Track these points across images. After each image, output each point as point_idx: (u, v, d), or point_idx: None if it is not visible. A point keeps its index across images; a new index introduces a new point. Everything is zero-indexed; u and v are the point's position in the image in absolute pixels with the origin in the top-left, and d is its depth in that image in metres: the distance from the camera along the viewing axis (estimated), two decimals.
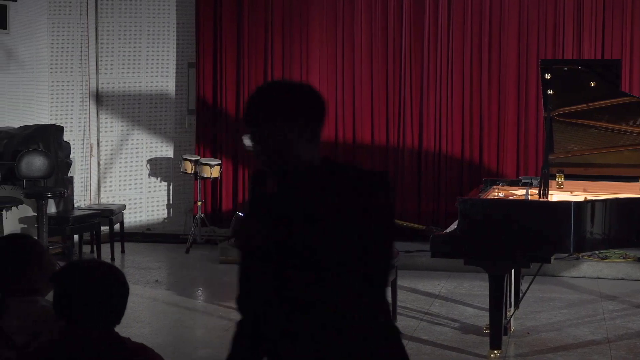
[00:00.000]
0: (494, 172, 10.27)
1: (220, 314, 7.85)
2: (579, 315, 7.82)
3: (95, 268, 3.08)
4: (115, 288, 3.06)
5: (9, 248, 3.74)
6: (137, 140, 11.44)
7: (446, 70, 10.46)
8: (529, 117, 10.31)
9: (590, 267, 9.29)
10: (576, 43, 10.15)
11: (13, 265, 3.66)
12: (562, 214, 6.21)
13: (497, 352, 6.39)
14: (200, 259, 10.21)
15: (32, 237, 3.99)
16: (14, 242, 3.82)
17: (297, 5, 10.80)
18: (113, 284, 3.06)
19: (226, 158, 11.00)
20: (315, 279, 2.86)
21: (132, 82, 11.40)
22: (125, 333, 3.18)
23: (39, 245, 3.89)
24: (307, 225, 2.84)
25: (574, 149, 7.18)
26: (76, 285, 3.01)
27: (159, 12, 11.29)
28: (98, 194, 11.53)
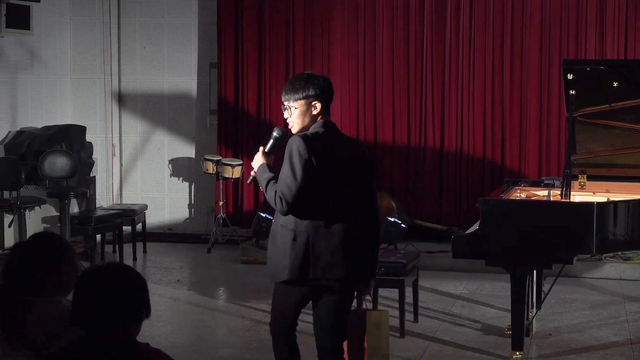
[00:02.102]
0: (515, 173, 10.24)
1: (241, 313, 7.86)
2: (602, 316, 7.78)
3: (115, 275, 3.05)
4: (133, 296, 3.04)
5: (41, 247, 3.74)
6: (159, 140, 11.47)
7: (468, 69, 10.44)
8: (551, 117, 10.27)
9: (613, 268, 9.24)
10: (599, 43, 10.10)
11: (44, 264, 3.66)
12: (585, 215, 6.18)
13: (519, 353, 6.36)
14: (221, 259, 10.23)
15: (60, 236, 4.00)
16: (46, 240, 3.81)
17: (319, 6, 10.81)
18: (131, 291, 3.03)
19: (248, 158, 11.00)
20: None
21: (154, 83, 11.44)
22: (147, 333, 3.19)
23: (68, 244, 3.90)
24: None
25: (597, 150, 7.14)
26: (94, 291, 3.00)
27: (180, 12, 11.32)
28: (120, 194, 11.58)
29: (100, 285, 3.00)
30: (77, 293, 3.03)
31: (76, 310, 3.02)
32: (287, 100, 4.62)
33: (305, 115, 4.63)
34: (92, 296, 2.99)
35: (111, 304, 2.97)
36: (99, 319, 2.97)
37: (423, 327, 7.39)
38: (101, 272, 3.06)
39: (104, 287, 2.99)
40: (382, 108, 10.72)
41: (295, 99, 4.60)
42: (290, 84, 4.62)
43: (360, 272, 4.71)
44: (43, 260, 3.68)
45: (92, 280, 3.03)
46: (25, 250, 3.74)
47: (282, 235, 4.61)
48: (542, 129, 10.33)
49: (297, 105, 4.60)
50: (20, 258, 3.70)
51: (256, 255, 9.97)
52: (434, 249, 9.70)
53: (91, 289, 3.01)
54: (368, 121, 10.76)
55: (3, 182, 9.26)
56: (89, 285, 3.02)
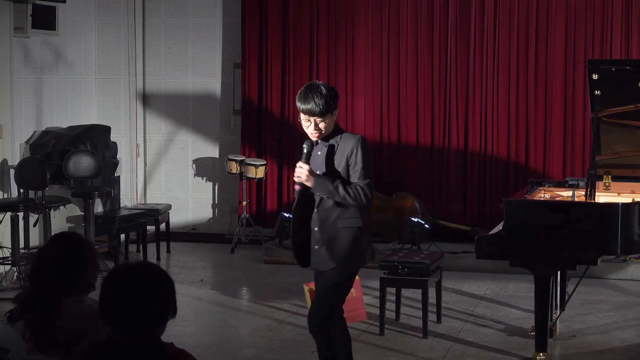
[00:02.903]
0: (540, 173, 10.19)
1: (264, 313, 7.87)
2: (626, 318, 7.74)
3: (144, 274, 3.05)
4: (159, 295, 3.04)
5: (64, 248, 3.76)
6: (183, 140, 11.51)
7: (492, 70, 10.41)
8: (575, 117, 10.23)
9: (638, 269, 9.19)
10: (624, 43, 10.04)
11: (68, 265, 3.69)
12: (609, 216, 6.15)
13: (543, 354, 6.34)
14: (244, 259, 10.24)
15: (81, 235, 4.03)
16: (67, 241, 3.83)
17: (343, 6, 10.80)
18: (157, 291, 3.04)
19: (271, 158, 11.04)
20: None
21: (178, 83, 11.47)
22: (171, 332, 3.20)
23: (90, 243, 3.93)
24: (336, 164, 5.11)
25: (622, 150, 7.10)
26: (122, 291, 3.01)
27: (205, 13, 11.35)
28: (144, 194, 11.62)
29: (130, 284, 3.01)
30: (106, 291, 3.04)
31: (104, 308, 3.02)
32: (319, 117, 5.02)
33: (332, 123, 5.11)
34: (121, 294, 3.00)
35: (140, 303, 2.98)
36: (126, 318, 2.98)
37: (446, 327, 7.37)
38: (131, 271, 3.06)
39: (133, 286, 3.00)
40: (405, 108, 10.70)
41: (329, 115, 5.04)
42: (323, 102, 5.01)
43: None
44: (67, 261, 3.70)
45: (122, 279, 3.04)
46: (49, 252, 3.76)
47: (348, 227, 5.09)
48: (567, 129, 10.29)
49: (328, 119, 5.05)
50: (44, 260, 3.73)
51: (279, 255, 9.98)
52: (457, 250, 9.68)
53: (121, 287, 3.01)
54: (392, 121, 10.75)
55: (29, 181, 9.31)
56: (118, 284, 3.03)
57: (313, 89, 5.04)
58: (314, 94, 5.00)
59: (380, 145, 10.73)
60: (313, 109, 4.98)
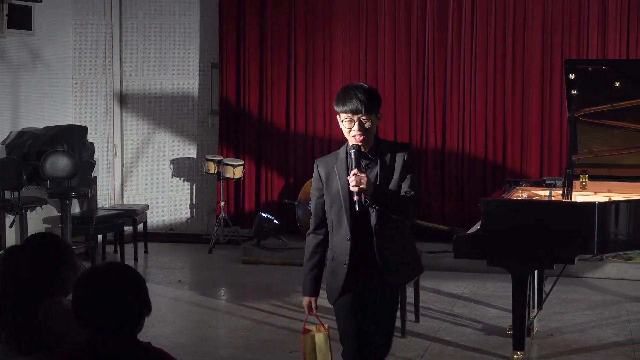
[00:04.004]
0: (517, 173, 10.23)
1: (242, 314, 7.86)
2: (603, 316, 7.78)
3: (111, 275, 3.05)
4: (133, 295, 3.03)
5: (42, 248, 3.74)
6: (161, 140, 11.48)
7: (469, 70, 10.44)
8: (552, 117, 10.27)
9: (615, 268, 9.24)
10: (601, 43, 10.10)
11: (46, 264, 3.67)
12: (586, 215, 6.17)
13: (520, 353, 6.35)
14: (222, 259, 10.23)
15: (57, 236, 4.01)
16: (46, 241, 3.82)
17: (321, 6, 10.81)
18: (130, 291, 3.03)
19: (249, 158, 11.02)
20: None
21: (155, 83, 11.44)
22: (149, 333, 3.18)
23: (68, 246, 3.91)
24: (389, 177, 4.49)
25: (598, 150, 7.13)
26: (93, 295, 2.99)
27: (182, 13, 11.32)
28: (121, 194, 11.58)
29: (98, 286, 3.00)
30: (76, 295, 3.03)
31: (77, 312, 3.02)
32: (364, 114, 4.42)
33: (374, 129, 4.53)
34: (91, 297, 2.99)
35: (110, 304, 2.97)
36: (99, 319, 2.97)
37: (424, 327, 7.38)
38: (98, 273, 3.06)
39: (101, 288, 2.99)
40: (384, 108, 10.63)
41: (376, 112, 4.50)
42: (366, 98, 4.44)
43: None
44: (43, 262, 3.68)
45: (90, 282, 3.03)
46: (23, 253, 3.74)
47: (403, 239, 4.63)
48: (544, 129, 10.33)
49: (374, 119, 4.49)
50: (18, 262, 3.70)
51: (257, 256, 9.98)
52: (435, 249, 9.69)
53: (89, 290, 3.00)
54: None
55: (5, 182, 9.26)
56: (87, 287, 3.02)
57: (353, 86, 4.54)
58: (355, 90, 4.48)
59: None
60: (357, 105, 4.41)
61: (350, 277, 4.50)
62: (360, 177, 4.30)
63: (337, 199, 4.49)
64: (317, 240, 4.61)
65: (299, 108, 10.93)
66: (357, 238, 4.45)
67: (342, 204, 4.46)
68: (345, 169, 4.48)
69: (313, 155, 10.89)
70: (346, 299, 4.56)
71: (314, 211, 4.62)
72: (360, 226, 4.45)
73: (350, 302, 4.55)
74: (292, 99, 10.93)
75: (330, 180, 4.52)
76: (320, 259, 4.61)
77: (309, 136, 10.92)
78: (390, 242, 4.50)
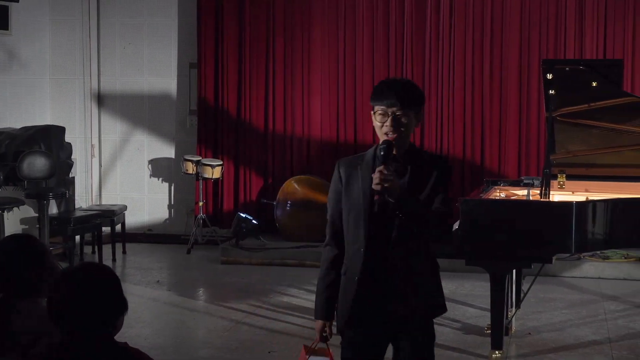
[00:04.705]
0: (495, 173, 10.26)
1: (221, 314, 7.84)
2: (581, 315, 7.81)
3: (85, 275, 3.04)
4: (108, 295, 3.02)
5: (19, 248, 3.73)
6: (139, 141, 11.44)
7: (448, 70, 10.46)
8: (530, 117, 10.31)
9: (592, 267, 9.29)
10: (578, 43, 10.14)
11: (22, 265, 3.65)
12: (564, 214, 6.20)
13: (499, 352, 6.38)
14: (201, 260, 10.20)
15: (37, 238, 3.99)
16: (22, 242, 3.80)
17: (299, 6, 10.80)
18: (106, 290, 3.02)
19: (227, 158, 11.01)
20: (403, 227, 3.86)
21: (133, 83, 11.40)
22: (127, 334, 3.18)
23: (44, 247, 3.89)
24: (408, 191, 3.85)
25: (576, 149, 7.17)
26: (69, 294, 2.98)
27: (160, 12, 11.29)
28: (99, 195, 11.53)
29: (74, 286, 2.99)
30: (52, 295, 3.02)
31: (52, 312, 3.01)
32: (399, 109, 3.90)
33: (411, 128, 3.98)
34: (66, 297, 2.98)
35: (85, 304, 2.97)
36: (74, 320, 2.96)
37: None
38: (73, 273, 3.05)
39: (77, 288, 2.98)
40: (362, 107, 10.72)
41: (416, 110, 3.97)
42: (408, 91, 3.96)
43: None
44: (19, 262, 3.67)
45: (65, 282, 3.02)
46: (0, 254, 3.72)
47: (426, 262, 4.04)
48: (522, 128, 10.36)
49: (413, 117, 3.95)
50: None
51: (236, 256, 9.97)
52: None
53: (65, 290, 3.00)
54: (348, 120, 10.76)
55: None
56: (62, 287, 3.01)
57: (391, 79, 4.15)
58: (393, 82, 4.06)
59: (337, 144, 10.75)
60: (392, 97, 3.89)
61: (361, 300, 3.91)
62: (387, 174, 3.74)
63: (356, 205, 3.91)
64: (333, 254, 4.03)
65: (277, 108, 10.92)
66: (373, 251, 3.87)
67: (361, 210, 3.88)
68: (370, 172, 3.86)
69: (292, 156, 10.90)
70: (355, 338, 4.02)
71: (330, 218, 4.04)
72: (379, 238, 3.88)
73: (360, 346, 4.03)
74: (271, 99, 10.92)
75: (352, 183, 3.94)
76: (336, 278, 4.01)
77: (287, 136, 10.92)
78: (411, 261, 3.90)
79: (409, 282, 3.91)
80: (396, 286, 3.89)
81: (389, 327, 3.95)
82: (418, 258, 3.94)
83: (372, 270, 3.89)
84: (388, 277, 3.89)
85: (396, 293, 3.89)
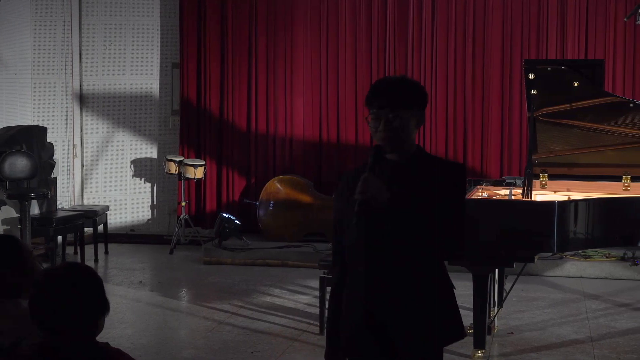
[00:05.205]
0: (477, 172, 10.29)
1: (204, 314, 7.83)
2: (562, 314, 7.84)
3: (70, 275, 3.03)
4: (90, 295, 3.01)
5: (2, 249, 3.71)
6: (121, 141, 11.41)
7: (430, 70, 10.48)
8: (512, 117, 10.34)
9: (574, 267, 9.32)
10: (560, 43, 10.18)
11: (3, 266, 3.63)
12: (546, 214, 6.22)
13: (481, 351, 6.40)
14: (184, 260, 10.19)
15: (17, 238, 3.97)
16: (4, 243, 3.78)
17: (282, 6, 10.80)
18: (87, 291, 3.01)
19: (210, 159, 10.99)
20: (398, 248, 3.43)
21: (115, 83, 11.37)
22: (109, 334, 3.17)
23: (25, 246, 3.87)
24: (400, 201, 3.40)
25: (557, 149, 7.19)
26: (50, 294, 2.97)
27: (142, 12, 11.26)
28: (81, 195, 11.50)
29: (55, 287, 2.98)
30: (33, 296, 3.01)
31: (34, 313, 3.00)
32: (394, 110, 3.51)
33: (411, 131, 3.59)
34: (48, 298, 2.97)
35: (67, 304, 2.96)
36: (56, 320, 2.95)
37: None
38: (55, 274, 3.04)
39: (58, 288, 2.98)
40: (345, 108, 10.73)
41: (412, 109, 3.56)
42: (401, 90, 3.56)
43: None
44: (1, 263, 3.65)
45: (46, 282, 3.01)
46: None
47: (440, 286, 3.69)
48: (504, 128, 10.39)
49: (409, 118, 3.55)
50: None
51: (218, 256, 9.95)
52: None
53: (46, 291, 2.99)
54: (331, 121, 10.77)
55: None
56: (43, 288, 3.00)
57: (384, 79, 3.68)
58: (383, 82, 3.63)
59: (320, 144, 10.75)
60: (382, 98, 3.51)
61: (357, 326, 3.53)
62: (369, 182, 3.35)
63: (348, 220, 3.47)
64: (341, 276, 3.64)
65: (260, 108, 10.92)
66: (369, 272, 3.48)
67: (352, 225, 3.44)
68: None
69: (274, 155, 10.90)
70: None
71: (334, 236, 3.69)
72: (374, 257, 3.46)
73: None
74: (253, 99, 10.92)
75: (352, 195, 3.44)
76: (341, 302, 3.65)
77: (270, 136, 10.91)
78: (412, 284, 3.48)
79: (410, 307, 3.48)
80: (394, 313, 3.47)
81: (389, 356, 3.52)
82: (422, 280, 3.51)
83: (369, 293, 3.49)
84: (386, 301, 3.48)
85: (394, 320, 3.48)
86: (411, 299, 3.48)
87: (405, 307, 3.48)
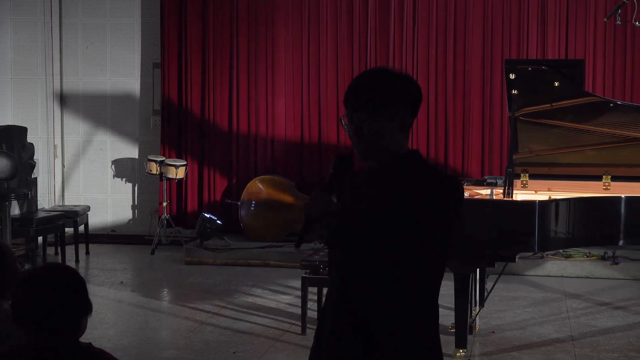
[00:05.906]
0: (459, 172, 10.31)
1: (185, 315, 7.82)
2: (544, 313, 7.87)
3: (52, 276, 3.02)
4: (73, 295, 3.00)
5: None
6: (102, 141, 11.38)
7: (411, 69, 10.49)
8: (493, 117, 10.37)
9: (555, 266, 9.36)
10: (540, 43, 10.22)
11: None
12: (527, 213, 6.24)
13: (463, 351, 6.41)
14: (165, 260, 10.16)
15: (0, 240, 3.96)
16: None
17: (263, 6, 10.79)
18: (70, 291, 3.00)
19: (191, 159, 10.97)
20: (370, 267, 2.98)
21: (96, 83, 11.33)
22: (91, 335, 3.16)
23: (6, 247, 3.85)
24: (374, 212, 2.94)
25: (538, 149, 7.22)
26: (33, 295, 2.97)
27: (123, 12, 11.23)
28: (62, 196, 11.46)
29: (37, 288, 2.98)
30: (16, 297, 3.01)
31: (16, 314, 2.99)
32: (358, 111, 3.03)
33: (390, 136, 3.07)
34: (30, 299, 2.97)
35: (49, 305, 2.95)
36: (38, 321, 2.95)
37: None
38: (37, 274, 3.04)
39: (41, 289, 2.97)
40: (326, 108, 10.73)
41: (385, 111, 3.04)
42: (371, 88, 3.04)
43: None
44: None
45: (29, 283, 3.01)
46: None
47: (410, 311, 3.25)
48: (485, 128, 10.42)
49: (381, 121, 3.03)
50: None
51: (200, 256, 9.93)
52: None
53: (28, 291, 2.98)
54: (312, 121, 10.77)
55: None
56: (26, 288, 3.00)
57: (360, 75, 3.12)
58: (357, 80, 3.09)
59: (301, 145, 10.75)
60: (352, 100, 3.02)
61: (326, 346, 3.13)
62: (318, 198, 3.00)
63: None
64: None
65: (241, 108, 10.91)
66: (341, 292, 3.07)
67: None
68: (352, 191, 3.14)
69: (256, 155, 10.89)
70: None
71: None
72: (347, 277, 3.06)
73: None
74: (235, 99, 10.90)
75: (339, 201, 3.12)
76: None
77: (251, 136, 10.90)
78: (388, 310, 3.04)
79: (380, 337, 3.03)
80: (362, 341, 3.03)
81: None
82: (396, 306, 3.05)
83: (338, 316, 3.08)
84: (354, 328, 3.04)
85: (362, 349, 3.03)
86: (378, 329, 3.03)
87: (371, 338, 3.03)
